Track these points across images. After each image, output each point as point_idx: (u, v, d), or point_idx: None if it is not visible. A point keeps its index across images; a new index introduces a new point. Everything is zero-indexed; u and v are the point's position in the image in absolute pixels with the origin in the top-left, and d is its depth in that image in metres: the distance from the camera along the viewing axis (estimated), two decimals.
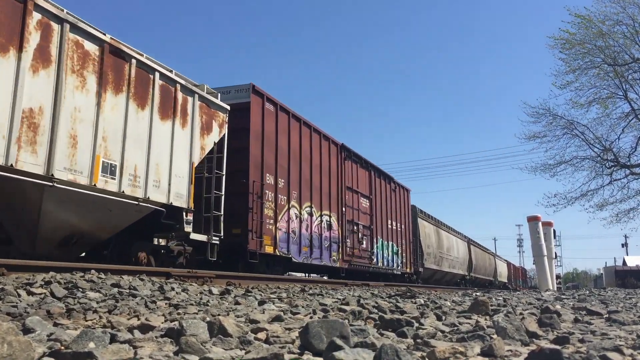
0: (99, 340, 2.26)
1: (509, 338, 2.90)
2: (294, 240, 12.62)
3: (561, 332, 3.40)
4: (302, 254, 12.99)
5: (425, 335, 2.94)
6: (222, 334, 2.59)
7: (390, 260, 19.69)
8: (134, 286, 5.44)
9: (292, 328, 3.20)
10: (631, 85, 20.62)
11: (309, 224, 13.44)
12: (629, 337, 3.23)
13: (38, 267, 5.80)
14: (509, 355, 2.47)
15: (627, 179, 21.53)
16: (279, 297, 6.34)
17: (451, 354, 2.27)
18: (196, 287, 6.43)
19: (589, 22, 19.43)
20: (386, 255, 19.11)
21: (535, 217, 29.77)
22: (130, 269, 7.04)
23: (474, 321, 3.85)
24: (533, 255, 30.01)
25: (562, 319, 4.24)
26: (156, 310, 4.11)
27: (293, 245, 12.53)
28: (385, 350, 2.05)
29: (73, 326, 3.08)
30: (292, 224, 12.61)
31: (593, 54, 20.16)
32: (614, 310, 5.06)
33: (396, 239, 20.39)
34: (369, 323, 3.67)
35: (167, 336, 2.61)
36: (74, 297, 4.29)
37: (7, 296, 3.93)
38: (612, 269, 48.65)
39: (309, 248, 13.32)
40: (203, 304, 4.79)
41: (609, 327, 3.84)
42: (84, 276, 5.60)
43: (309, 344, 2.42)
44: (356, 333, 2.67)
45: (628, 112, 20.85)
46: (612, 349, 2.51)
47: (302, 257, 12.97)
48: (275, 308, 4.64)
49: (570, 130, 21.68)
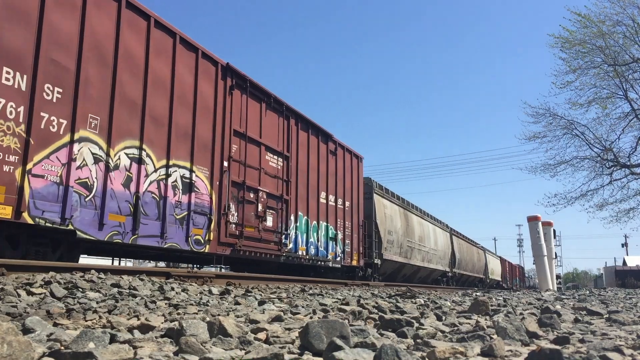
0: (99, 340, 2.26)
1: (509, 338, 2.89)
2: (86, 201, 7.13)
3: (561, 332, 3.40)
4: (108, 226, 7.42)
5: (426, 336, 2.94)
6: (222, 334, 2.59)
7: (323, 248, 13.93)
8: (133, 286, 5.44)
9: (292, 328, 3.20)
10: (631, 85, 20.62)
11: (136, 177, 7.97)
12: (629, 337, 3.23)
13: (38, 267, 5.80)
14: (509, 356, 2.47)
15: (627, 178, 21.52)
16: (279, 297, 6.34)
17: (451, 354, 2.27)
18: (196, 287, 6.43)
19: (588, 21, 19.43)
20: (314, 241, 13.42)
21: (535, 217, 29.81)
22: (130, 269, 7.04)
23: (474, 321, 3.85)
24: (533, 255, 30.08)
25: (562, 319, 4.24)
26: (156, 310, 4.11)
27: (84, 211, 7.08)
28: (385, 350, 2.05)
29: (73, 326, 3.07)
30: (82, 171, 7.11)
31: (593, 53, 20.17)
32: (614, 311, 5.06)
33: (335, 220, 14.70)
34: (369, 323, 3.67)
35: (167, 336, 2.61)
36: (74, 297, 4.28)
37: (7, 296, 3.92)
38: (612, 269, 48.71)
39: (132, 218, 7.84)
40: (203, 304, 4.79)
41: (609, 327, 3.84)
42: (84, 276, 5.59)
43: (309, 344, 2.42)
44: (356, 333, 2.67)
45: (628, 112, 20.85)
46: (613, 349, 2.51)
47: (107, 231, 7.42)
48: (275, 308, 4.63)
49: (570, 131, 21.68)
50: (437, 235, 26.32)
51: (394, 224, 19.36)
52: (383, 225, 18.11)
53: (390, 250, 18.67)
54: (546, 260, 29.47)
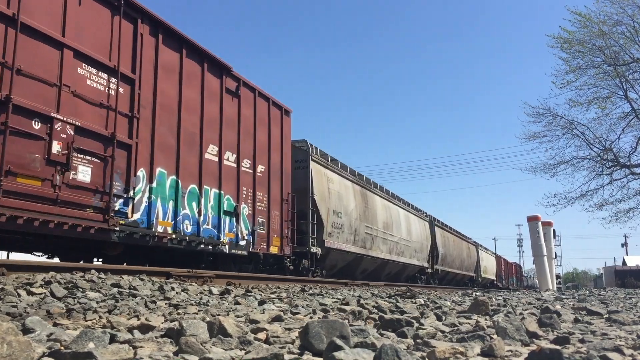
0: (99, 340, 2.26)
1: (509, 338, 2.89)
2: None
3: (561, 332, 3.40)
4: None
5: (426, 336, 2.94)
6: (222, 334, 2.59)
7: (212, 227, 9.70)
8: (134, 286, 5.44)
9: (292, 328, 3.20)
10: (631, 85, 20.63)
11: None
12: (629, 337, 3.23)
13: (38, 267, 5.80)
14: (509, 356, 2.47)
15: (627, 178, 21.51)
16: (279, 297, 6.34)
17: (451, 354, 2.27)
18: (196, 287, 6.43)
19: (588, 20, 19.44)
20: (192, 214, 9.20)
21: (535, 217, 29.83)
22: (130, 268, 7.04)
23: (474, 321, 3.85)
24: (533, 255, 30.09)
25: (562, 319, 4.24)
26: (156, 310, 4.11)
27: None
28: (385, 350, 2.05)
29: (73, 326, 3.07)
30: None
31: (593, 53, 20.17)
32: (614, 311, 5.06)
33: (237, 188, 10.46)
34: (369, 323, 3.67)
35: (167, 336, 2.61)
36: (74, 297, 4.29)
37: (7, 296, 3.92)
38: (612, 269, 48.71)
39: None
40: (203, 304, 4.79)
41: (609, 327, 3.84)
42: (84, 276, 5.59)
43: (309, 344, 2.42)
44: (356, 333, 2.67)
45: (628, 112, 20.85)
46: (613, 349, 2.51)
47: None
48: (275, 308, 4.63)
49: (570, 130, 21.67)
50: (410, 223, 21.89)
51: (343, 203, 14.99)
52: (325, 204, 13.66)
53: (339, 237, 14.36)
54: (546, 260, 29.49)
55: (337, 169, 15.46)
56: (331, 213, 14.04)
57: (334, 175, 14.99)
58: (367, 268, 17.66)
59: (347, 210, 15.22)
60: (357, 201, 16.24)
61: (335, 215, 14.27)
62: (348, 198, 15.55)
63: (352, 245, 15.48)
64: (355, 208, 15.94)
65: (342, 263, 15.51)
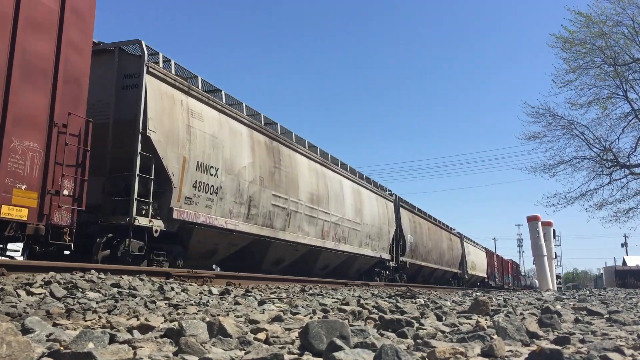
0: (98, 340, 2.26)
1: (510, 338, 2.89)
2: None
3: (562, 332, 3.40)
4: None
5: (426, 336, 2.93)
6: (222, 334, 2.58)
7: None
8: (133, 286, 5.44)
9: (292, 328, 3.20)
10: (631, 85, 20.63)
11: None
12: (629, 337, 3.23)
13: (38, 267, 5.80)
14: (510, 356, 2.47)
15: (627, 179, 21.53)
16: (279, 297, 6.34)
17: (451, 354, 2.26)
18: (196, 287, 6.43)
19: (589, 20, 19.45)
20: None
21: (535, 217, 29.88)
22: (130, 268, 7.03)
23: (474, 321, 3.85)
24: (533, 255, 30.15)
25: (562, 319, 4.24)
26: (156, 310, 4.10)
27: None
28: (386, 350, 2.04)
29: (72, 326, 3.07)
30: None
31: (593, 53, 20.18)
32: (614, 311, 5.06)
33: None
34: (369, 323, 3.67)
35: (166, 336, 2.61)
36: (74, 297, 4.28)
37: (7, 296, 3.92)
38: (612, 269, 48.71)
39: None
40: (203, 304, 4.78)
41: (610, 328, 3.83)
42: (84, 276, 5.59)
43: (309, 345, 2.42)
44: (356, 333, 2.66)
45: (628, 112, 20.86)
46: (613, 349, 2.50)
47: None
48: (275, 308, 4.63)
49: (570, 131, 21.68)
50: (363, 201, 16.88)
51: (225, 155, 10.19)
52: (178, 149, 8.90)
53: (211, 206, 9.70)
54: (546, 260, 29.52)
55: (216, 102, 10.32)
56: (192, 166, 9.22)
57: (208, 110, 9.98)
58: (285, 257, 12.85)
59: (231, 167, 10.34)
60: (258, 156, 11.36)
61: (202, 171, 9.47)
62: (237, 148, 10.62)
63: (242, 222, 10.54)
64: (253, 166, 11.06)
65: (226, 248, 10.62)
